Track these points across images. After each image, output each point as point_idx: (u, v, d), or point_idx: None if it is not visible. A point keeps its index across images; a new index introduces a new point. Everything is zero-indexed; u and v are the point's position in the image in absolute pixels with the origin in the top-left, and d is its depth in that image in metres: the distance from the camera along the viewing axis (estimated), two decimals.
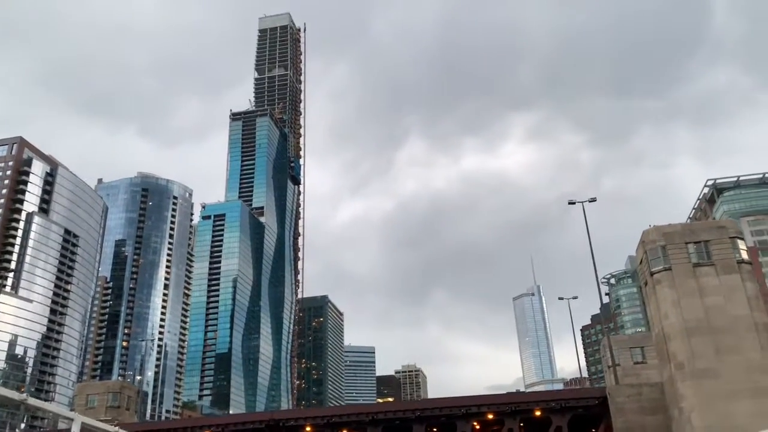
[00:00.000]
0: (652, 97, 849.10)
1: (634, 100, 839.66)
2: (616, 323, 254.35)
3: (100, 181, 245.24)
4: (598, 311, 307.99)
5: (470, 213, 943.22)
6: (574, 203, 58.27)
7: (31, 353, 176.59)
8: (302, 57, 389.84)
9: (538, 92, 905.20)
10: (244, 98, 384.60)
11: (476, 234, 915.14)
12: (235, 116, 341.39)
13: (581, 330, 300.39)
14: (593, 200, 58.52)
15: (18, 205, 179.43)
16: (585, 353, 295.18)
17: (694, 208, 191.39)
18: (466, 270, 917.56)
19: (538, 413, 54.18)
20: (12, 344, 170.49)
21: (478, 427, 58.24)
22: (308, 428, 57.24)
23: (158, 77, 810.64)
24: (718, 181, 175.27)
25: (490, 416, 55.00)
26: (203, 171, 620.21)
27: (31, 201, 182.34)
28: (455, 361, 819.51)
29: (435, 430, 60.76)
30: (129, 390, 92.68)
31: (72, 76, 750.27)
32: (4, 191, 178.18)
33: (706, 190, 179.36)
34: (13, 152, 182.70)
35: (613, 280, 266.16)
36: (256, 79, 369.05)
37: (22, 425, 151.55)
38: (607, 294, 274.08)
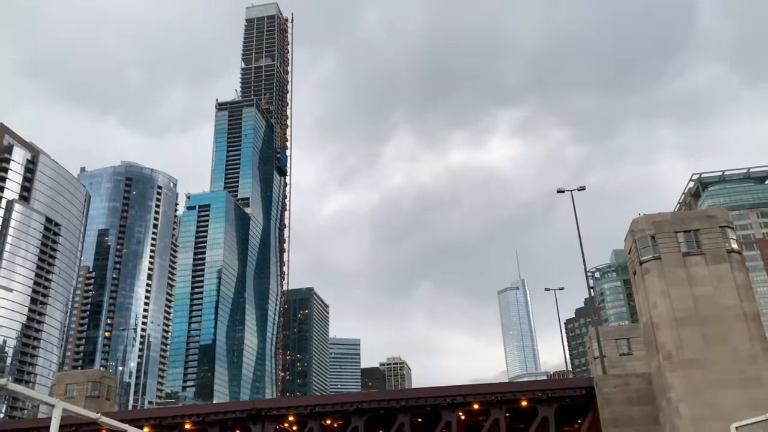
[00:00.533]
0: (637, 94, 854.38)
1: (620, 97, 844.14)
2: (600, 317, 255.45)
3: (83, 169, 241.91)
4: (583, 305, 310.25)
5: (456, 207, 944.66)
6: (563, 191, 57.62)
7: (11, 343, 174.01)
8: (289, 47, 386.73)
9: (525, 88, 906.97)
10: (231, 89, 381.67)
11: (462, 228, 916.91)
12: (221, 106, 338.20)
13: (565, 323, 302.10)
14: (582, 189, 57.90)
15: None
16: (569, 347, 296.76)
17: (679, 203, 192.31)
18: (451, 264, 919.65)
19: (524, 403, 53.58)
20: None
21: (463, 417, 57.57)
22: (291, 418, 56.26)
23: (143, 68, 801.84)
24: (703, 175, 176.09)
25: (476, 406, 54.34)
26: (189, 162, 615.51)
27: (11, 188, 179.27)
28: (440, 353, 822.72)
29: (420, 420, 60.12)
30: (109, 380, 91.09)
31: (55, 66, 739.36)
32: None
33: (691, 184, 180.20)
34: None
35: (597, 274, 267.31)
36: (242, 69, 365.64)
37: (1, 415, 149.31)
38: (591, 288, 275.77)
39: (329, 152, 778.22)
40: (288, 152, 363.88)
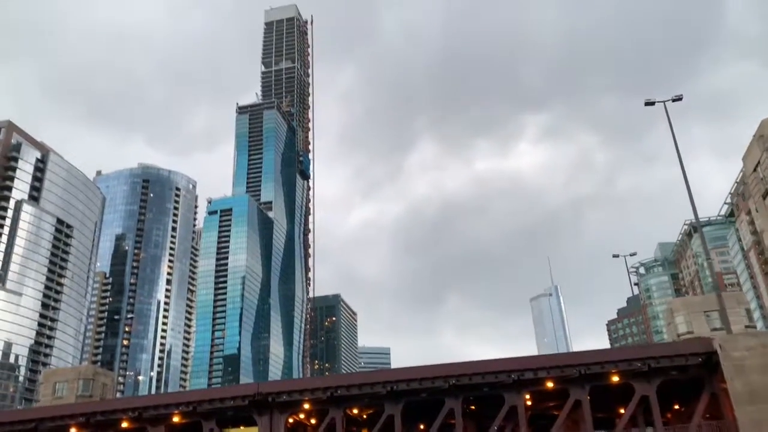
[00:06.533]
0: (665, 94, 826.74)
1: (647, 98, 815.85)
2: (647, 314, 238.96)
3: (99, 173, 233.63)
4: (626, 304, 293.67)
5: (483, 215, 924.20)
6: (653, 104, 44.40)
7: (22, 351, 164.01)
8: (310, 50, 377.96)
9: (549, 92, 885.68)
10: (252, 98, 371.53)
11: (489, 237, 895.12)
12: (241, 109, 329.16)
13: (607, 325, 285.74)
14: (678, 99, 44.61)
15: (6, 193, 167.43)
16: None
17: (730, 193, 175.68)
18: (479, 273, 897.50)
19: (615, 378, 40.04)
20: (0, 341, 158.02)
21: (530, 402, 44.18)
22: (307, 405, 43.45)
23: (165, 84, 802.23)
24: None
25: (550, 384, 40.90)
26: (213, 174, 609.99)
27: (20, 188, 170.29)
28: None
29: (473, 407, 46.87)
30: (104, 377, 79.32)
31: (78, 86, 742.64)
32: None
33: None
34: (1, 137, 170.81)
35: (642, 269, 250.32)
36: (262, 73, 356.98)
37: None
38: (636, 284, 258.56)
39: (353, 164, 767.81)
40: (310, 155, 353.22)
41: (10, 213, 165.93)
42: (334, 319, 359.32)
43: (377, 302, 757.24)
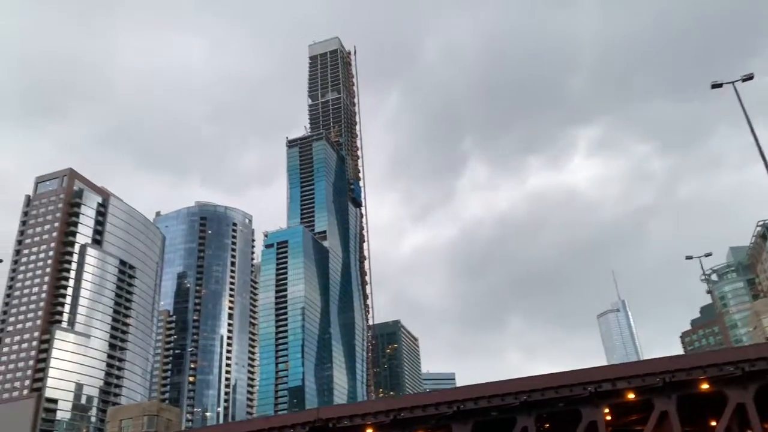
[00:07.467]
0: (721, 95, 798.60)
1: (704, 101, 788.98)
2: (724, 322, 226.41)
3: (158, 214, 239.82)
4: (699, 314, 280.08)
5: (540, 233, 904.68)
6: (720, 86, 41.13)
7: (93, 391, 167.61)
8: (354, 79, 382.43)
9: (598, 103, 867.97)
10: (301, 131, 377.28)
11: (548, 254, 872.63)
12: (291, 143, 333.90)
13: (681, 337, 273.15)
14: (749, 78, 41.22)
15: (71, 238, 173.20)
16: None
17: None
18: (541, 292, 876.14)
19: (704, 386, 36.45)
20: (71, 382, 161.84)
21: (610, 417, 40.78)
22: (369, 430, 41.31)
23: (216, 123, 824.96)
24: None
25: (631, 395, 37.58)
26: (269, 210, 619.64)
27: (84, 233, 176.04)
28: None
29: (547, 425, 43.70)
30: (169, 413, 79.62)
31: (133, 131, 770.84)
32: (57, 224, 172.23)
33: None
34: (64, 184, 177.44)
35: (714, 276, 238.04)
36: (309, 106, 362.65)
37: None
38: (709, 292, 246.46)
39: (403, 189, 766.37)
40: (361, 183, 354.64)
41: (75, 257, 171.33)
42: (395, 345, 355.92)
43: (438, 327, 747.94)
